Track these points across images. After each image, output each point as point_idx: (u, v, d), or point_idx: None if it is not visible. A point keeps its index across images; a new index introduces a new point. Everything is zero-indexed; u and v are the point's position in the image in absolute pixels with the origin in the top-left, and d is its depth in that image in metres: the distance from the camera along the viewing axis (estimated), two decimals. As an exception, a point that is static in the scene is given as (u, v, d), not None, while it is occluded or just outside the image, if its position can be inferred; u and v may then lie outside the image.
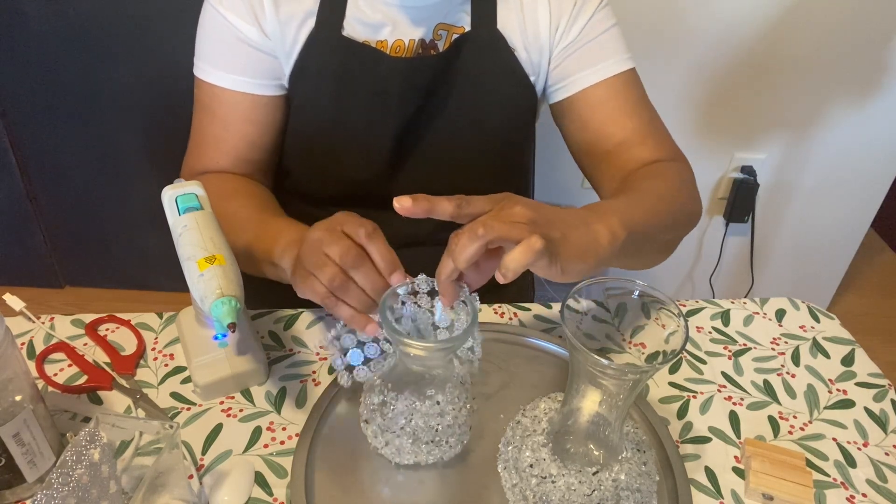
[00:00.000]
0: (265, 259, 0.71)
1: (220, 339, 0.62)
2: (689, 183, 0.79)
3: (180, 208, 0.62)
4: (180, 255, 0.60)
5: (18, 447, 0.56)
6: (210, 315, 0.56)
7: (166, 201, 0.63)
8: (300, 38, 0.77)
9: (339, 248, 0.58)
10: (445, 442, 0.61)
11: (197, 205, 0.62)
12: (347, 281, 0.59)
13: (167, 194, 0.63)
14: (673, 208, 0.73)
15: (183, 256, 0.59)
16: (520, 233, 0.51)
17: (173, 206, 0.62)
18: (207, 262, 0.57)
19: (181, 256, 0.60)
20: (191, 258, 0.58)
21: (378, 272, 0.59)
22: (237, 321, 0.56)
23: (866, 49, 1.50)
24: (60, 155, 1.73)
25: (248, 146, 0.82)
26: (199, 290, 0.57)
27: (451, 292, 0.56)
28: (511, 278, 0.50)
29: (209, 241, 0.59)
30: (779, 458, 0.66)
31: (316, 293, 0.60)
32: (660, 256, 0.77)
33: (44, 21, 1.53)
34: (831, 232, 1.81)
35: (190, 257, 0.58)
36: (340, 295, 0.59)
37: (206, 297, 0.56)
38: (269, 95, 0.80)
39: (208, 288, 0.56)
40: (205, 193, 0.64)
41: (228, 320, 0.55)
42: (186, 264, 0.58)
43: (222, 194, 0.76)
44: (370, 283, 0.59)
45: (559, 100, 0.85)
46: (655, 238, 0.70)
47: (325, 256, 0.59)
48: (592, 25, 0.81)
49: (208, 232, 0.60)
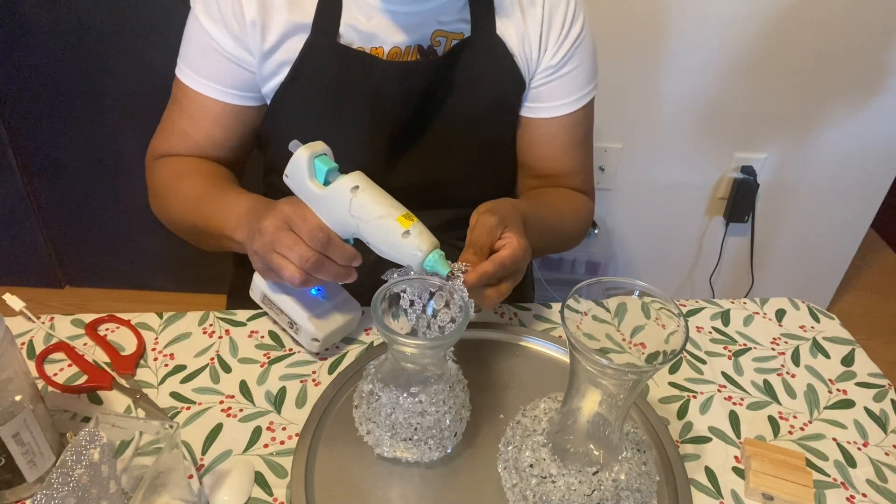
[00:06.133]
0: (221, 234, 0.74)
1: (318, 293, 0.71)
2: (585, 216, 0.93)
3: (319, 170, 0.64)
4: (361, 216, 0.61)
5: (18, 447, 0.56)
6: (421, 269, 0.60)
7: (304, 162, 0.63)
8: (293, 49, 0.77)
9: (300, 250, 0.62)
10: (424, 443, 0.61)
11: (336, 165, 0.65)
12: (321, 257, 0.63)
13: (304, 155, 0.63)
14: (565, 227, 0.88)
15: (371, 216, 0.61)
16: (506, 291, 0.66)
17: (311, 167, 0.63)
18: (408, 219, 0.60)
19: (365, 217, 0.61)
20: (386, 216, 0.60)
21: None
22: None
23: (866, 49, 1.50)
24: (60, 155, 1.73)
25: (212, 145, 0.83)
26: (406, 247, 0.60)
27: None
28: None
29: (390, 199, 0.62)
30: (779, 458, 0.66)
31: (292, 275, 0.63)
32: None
33: (44, 22, 1.53)
34: (831, 232, 1.81)
35: (384, 216, 0.60)
36: (315, 272, 0.63)
37: (418, 251, 0.59)
38: (239, 105, 0.81)
39: (421, 242, 0.59)
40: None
41: (446, 270, 0.59)
42: (380, 223, 0.61)
43: (177, 174, 0.81)
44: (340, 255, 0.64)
45: (519, 114, 0.88)
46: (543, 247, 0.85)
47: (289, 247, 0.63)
48: (573, 54, 0.84)
49: (380, 189, 0.63)
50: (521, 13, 0.81)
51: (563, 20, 0.82)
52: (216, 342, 0.77)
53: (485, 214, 0.66)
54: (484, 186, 0.88)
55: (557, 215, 0.86)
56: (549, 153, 0.89)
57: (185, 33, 0.80)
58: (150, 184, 0.85)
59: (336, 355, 0.76)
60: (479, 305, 0.63)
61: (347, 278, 0.66)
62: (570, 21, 0.82)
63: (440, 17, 0.79)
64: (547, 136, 0.88)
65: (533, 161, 0.90)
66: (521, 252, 0.65)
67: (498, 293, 0.65)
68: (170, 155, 0.84)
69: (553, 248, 0.91)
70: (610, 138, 1.63)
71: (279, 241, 0.63)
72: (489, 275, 0.62)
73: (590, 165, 0.94)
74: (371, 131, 0.82)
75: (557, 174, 0.90)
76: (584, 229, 0.93)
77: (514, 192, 0.96)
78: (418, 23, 0.78)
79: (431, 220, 0.63)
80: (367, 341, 0.78)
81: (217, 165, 0.85)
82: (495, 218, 0.65)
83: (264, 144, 0.88)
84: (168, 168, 0.83)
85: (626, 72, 1.52)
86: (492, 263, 0.62)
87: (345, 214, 0.62)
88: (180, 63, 0.81)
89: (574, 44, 0.83)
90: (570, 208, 0.89)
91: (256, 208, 0.70)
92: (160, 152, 0.85)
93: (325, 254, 0.63)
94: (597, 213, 1.37)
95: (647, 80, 1.55)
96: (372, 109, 0.80)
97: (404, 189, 0.66)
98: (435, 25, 0.79)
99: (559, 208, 0.87)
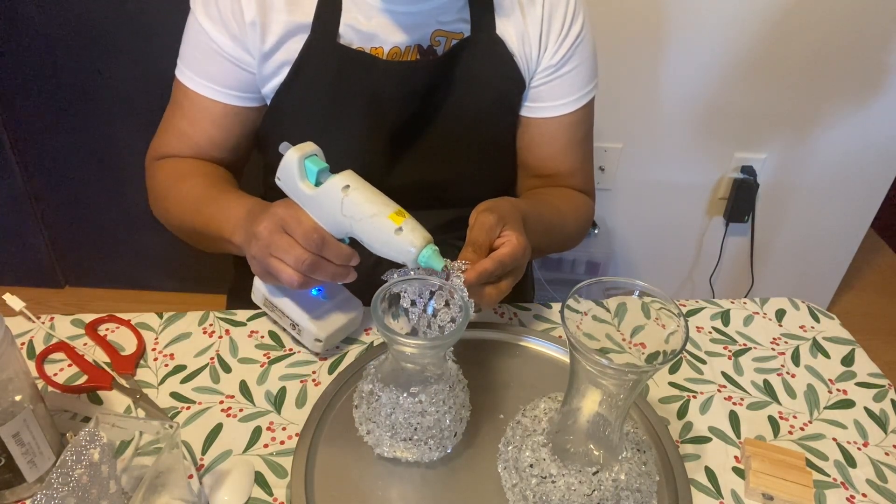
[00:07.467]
0: (219, 237, 0.74)
1: (319, 293, 0.71)
2: (585, 216, 0.93)
3: (310, 171, 0.64)
4: (353, 215, 0.61)
5: (18, 447, 0.56)
6: (417, 264, 0.60)
7: (294, 164, 0.63)
8: (293, 50, 0.77)
9: (296, 252, 0.62)
10: (424, 443, 0.61)
11: (326, 165, 0.65)
12: (318, 259, 0.63)
13: (294, 156, 0.63)
14: (565, 227, 0.89)
15: (363, 214, 0.61)
16: (506, 289, 0.66)
17: (301, 168, 0.63)
18: (399, 216, 0.60)
19: (358, 215, 0.61)
20: (377, 214, 0.60)
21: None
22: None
23: (866, 49, 1.50)
24: (60, 155, 1.73)
25: (212, 146, 0.83)
26: (400, 243, 0.60)
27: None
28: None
29: (381, 196, 0.62)
30: (779, 458, 0.66)
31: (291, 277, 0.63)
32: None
33: (44, 21, 1.53)
34: (831, 232, 1.81)
35: (376, 214, 0.60)
36: (312, 273, 0.63)
37: (411, 248, 0.59)
38: (239, 106, 0.81)
39: (414, 238, 0.60)
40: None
41: (441, 265, 0.59)
42: (372, 221, 0.61)
43: (176, 176, 0.81)
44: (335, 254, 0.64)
45: (519, 114, 0.88)
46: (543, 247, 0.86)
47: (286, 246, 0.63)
48: (573, 53, 0.84)
49: (372, 187, 0.63)
50: (520, 13, 0.81)
51: (562, 19, 0.82)
52: (216, 342, 0.77)
53: (483, 213, 0.66)
54: (484, 186, 0.88)
55: (557, 214, 0.86)
56: (549, 153, 0.89)
57: (184, 34, 0.80)
58: (150, 185, 0.85)
59: (336, 355, 0.76)
60: (478, 304, 0.63)
61: (346, 278, 0.66)
62: (570, 20, 0.82)
63: (440, 17, 0.79)
64: (547, 135, 0.88)
65: (533, 161, 0.90)
66: (521, 250, 0.65)
67: (498, 291, 0.65)
68: (169, 156, 0.84)
69: (553, 247, 0.91)
70: (610, 138, 1.63)
71: (275, 245, 0.63)
72: (488, 272, 0.62)
73: (590, 165, 0.94)
74: (371, 131, 0.82)
75: (557, 174, 0.91)
76: (584, 229, 0.93)
77: (515, 191, 0.96)
78: (418, 23, 0.78)
79: (431, 220, 0.63)
80: (367, 341, 0.78)
81: (216, 167, 0.85)
82: (494, 216, 0.65)
83: (264, 145, 0.88)
84: (167, 170, 0.83)
85: (626, 72, 1.52)
86: (491, 261, 0.63)
87: (337, 214, 0.62)
88: (180, 64, 0.81)
89: (574, 43, 0.83)
90: (570, 208, 0.89)
91: (253, 211, 0.70)
92: (160, 153, 0.85)
93: (320, 255, 0.63)
94: (597, 213, 1.37)
95: (647, 80, 1.55)
96: (372, 109, 0.80)
97: (404, 189, 0.66)
98: (435, 25, 0.79)
99: (559, 207, 0.87)
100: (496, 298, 0.65)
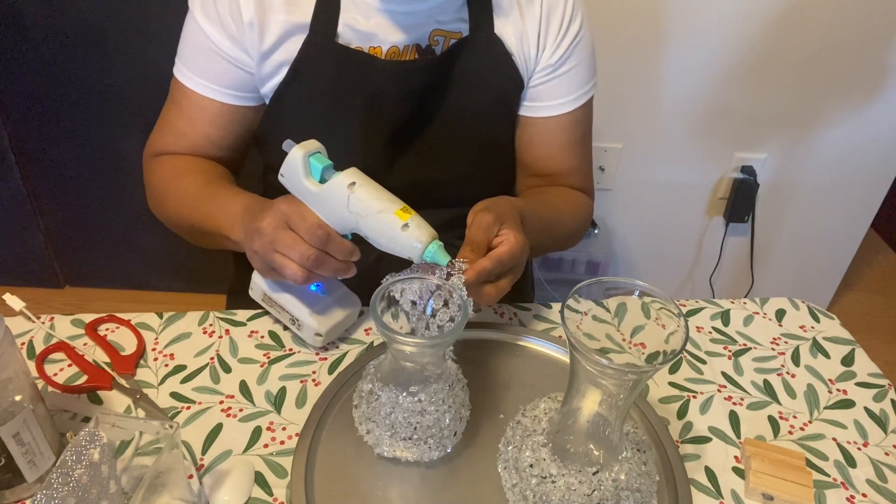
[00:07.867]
0: (217, 233, 0.75)
1: (318, 288, 0.73)
2: (584, 215, 0.93)
3: (314, 168, 0.64)
4: (359, 211, 0.62)
5: (18, 447, 0.56)
6: (422, 259, 0.60)
7: (298, 161, 0.64)
8: (291, 49, 0.77)
9: (301, 248, 0.63)
10: (424, 442, 0.61)
11: (330, 162, 0.65)
12: (322, 254, 0.64)
13: (298, 154, 0.64)
14: (564, 225, 0.89)
15: (369, 211, 0.61)
16: (505, 288, 0.66)
17: (306, 165, 0.64)
18: (405, 212, 0.61)
19: (364, 212, 0.62)
20: (384, 211, 0.61)
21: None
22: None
23: (866, 49, 1.50)
24: (60, 155, 1.73)
25: (209, 145, 0.84)
26: (406, 239, 0.60)
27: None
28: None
29: (386, 193, 0.63)
30: (779, 458, 0.66)
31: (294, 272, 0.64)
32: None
33: (44, 21, 1.53)
34: (831, 232, 1.81)
35: (382, 210, 0.61)
36: (316, 268, 0.64)
37: (418, 243, 0.60)
38: (236, 105, 0.81)
39: (420, 234, 0.60)
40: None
41: (446, 260, 0.60)
42: (378, 217, 0.61)
43: (174, 173, 0.82)
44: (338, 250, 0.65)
45: (518, 113, 0.88)
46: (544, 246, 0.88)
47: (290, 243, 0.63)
48: (571, 52, 0.84)
49: (377, 184, 0.64)
50: (519, 12, 0.81)
51: (561, 19, 0.82)
52: (216, 342, 0.77)
53: (481, 212, 0.66)
54: (483, 186, 0.88)
55: (556, 213, 0.86)
56: (548, 152, 0.89)
57: (182, 33, 0.81)
58: (148, 182, 0.85)
59: (336, 355, 0.76)
60: (477, 302, 0.63)
61: (347, 273, 0.67)
62: (569, 20, 0.82)
63: (438, 17, 0.79)
64: (546, 135, 0.88)
65: (532, 160, 0.90)
66: (519, 248, 0.65)
67: (497, 290, 0.65)
68: (167, 153, 0.84)
69: (552, 246, 0.91)
70: (610, 138, 1.63)
71: (279, 241, 0.63)
72: (487, 271, 0.62)
73: (589, 164, 0.94)
74: (370, 131, 0.82)
75: (556, 173, 0.91)
76: (583, 228, 0.93)
77: (513, 191, 0.96)
78: (416, 22, 0.78)
79: (430, 219, 0.63)
80: (367, 341, 0.78)
81: (214, 164, 0.85)
82: (492, 215, 0.65)
83: (263, 144, 0.88)
84: (165, 167, 0.83)
85: (626, 72, 1.52)
86: (489, 260, 0.63)
87: (343, 211, 0.62)
88: (178, 63, 0.81)
89: (572, 43, 0.83)
90: (568, 206, 0.90)
91: (251, 207, 0.70)
92: (157, 150, 0.85)
93: (325, 250, 0.63)
94: (597, 213, 1.37)
95: (647, 80, 1.55)
96: (370, 109, 0.80)
97: (403, 188, 0.66)
98: (433, 25, 0.79)
99: (558, 206, 0.87)
100: (495, 297, 0.65)
